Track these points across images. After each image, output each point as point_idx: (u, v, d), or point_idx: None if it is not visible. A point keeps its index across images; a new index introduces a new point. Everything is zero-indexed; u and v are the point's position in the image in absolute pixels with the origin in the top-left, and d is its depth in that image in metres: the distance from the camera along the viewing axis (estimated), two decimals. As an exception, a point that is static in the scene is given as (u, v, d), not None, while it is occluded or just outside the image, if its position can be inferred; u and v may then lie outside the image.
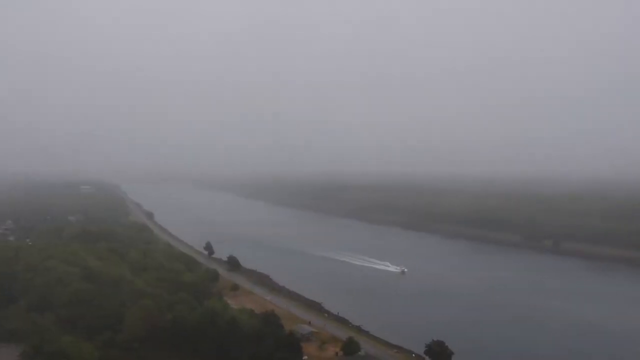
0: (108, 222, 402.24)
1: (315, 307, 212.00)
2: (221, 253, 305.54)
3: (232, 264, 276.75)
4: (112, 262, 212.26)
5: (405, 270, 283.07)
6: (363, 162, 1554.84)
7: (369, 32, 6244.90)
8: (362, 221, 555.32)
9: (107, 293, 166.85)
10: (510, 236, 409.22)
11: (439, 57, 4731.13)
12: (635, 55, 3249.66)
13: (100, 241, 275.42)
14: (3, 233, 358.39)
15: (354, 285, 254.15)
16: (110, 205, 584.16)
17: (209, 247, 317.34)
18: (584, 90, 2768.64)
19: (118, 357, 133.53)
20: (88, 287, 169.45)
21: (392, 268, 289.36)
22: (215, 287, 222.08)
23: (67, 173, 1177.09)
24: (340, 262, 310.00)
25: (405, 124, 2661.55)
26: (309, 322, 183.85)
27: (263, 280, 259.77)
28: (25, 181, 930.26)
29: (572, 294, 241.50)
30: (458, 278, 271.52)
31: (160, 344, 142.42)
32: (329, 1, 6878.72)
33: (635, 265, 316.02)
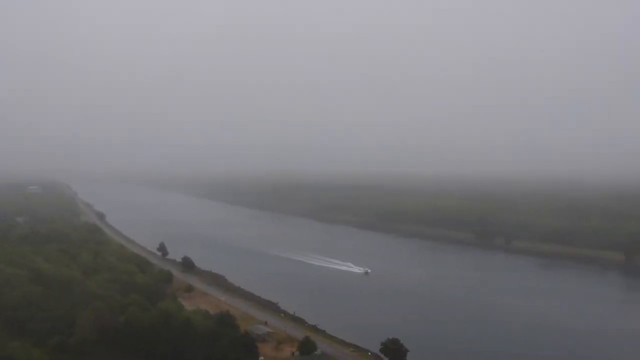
0: (58, 223, 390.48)
1: (271, 307, 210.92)
2: (175, 254, 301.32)
3: (187, 264, 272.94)
4: (62, 264, 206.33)
5: (369, 271, 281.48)
6: (332, 162, 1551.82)
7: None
8: (320, 221, 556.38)
9: (57, 296, 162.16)
10: (464, 235, 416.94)
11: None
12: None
13: (49, 242, 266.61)
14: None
15: (310, 285, 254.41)
16: (60, 206, 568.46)
17: (162, 248, 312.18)
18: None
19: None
20: (37, 290, 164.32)
21: (356, 269, 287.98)
22: (169, 288, 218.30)
23: (11, 173, 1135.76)
24: (296, 262, 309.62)
25: (386, 123, 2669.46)
26: (265, 322, 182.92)
27: (218, 281, 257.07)
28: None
29: (522, 291, 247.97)
30: (415, 276, 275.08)
31: (113, 347, 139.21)
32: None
33: (583, 262, 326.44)
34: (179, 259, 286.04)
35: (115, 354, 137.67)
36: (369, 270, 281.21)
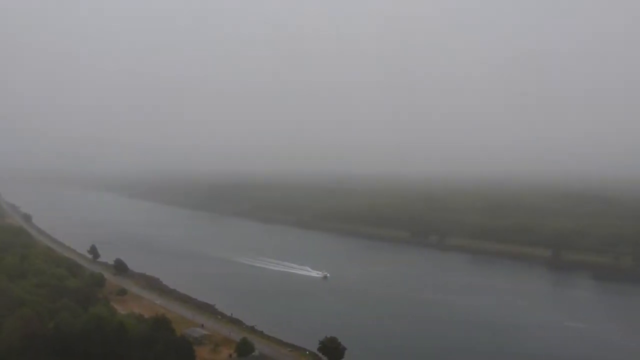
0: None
1: (207, 309, 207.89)
2: (107, 256, 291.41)
3: (119, 267, 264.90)
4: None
5: (328, 275, 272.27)
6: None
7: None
8: (257, 221, 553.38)
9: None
10: (400, 233, 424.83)
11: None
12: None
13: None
14: None
15: (248, 286, 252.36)
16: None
17: (93, 251, 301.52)
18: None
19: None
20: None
21: (314, 273, 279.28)
22: (101, 292, 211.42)
23: None
24: (233, 263, 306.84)
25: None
26: (202, 325, 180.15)
27: (152, 283, 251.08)
28: None
29: (454, 286, 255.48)
30: (349, 274, 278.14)
31: (42, 355, 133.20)
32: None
33: (512, 258, 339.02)
34: (111, 262, 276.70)
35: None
36: (328, 275, 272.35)
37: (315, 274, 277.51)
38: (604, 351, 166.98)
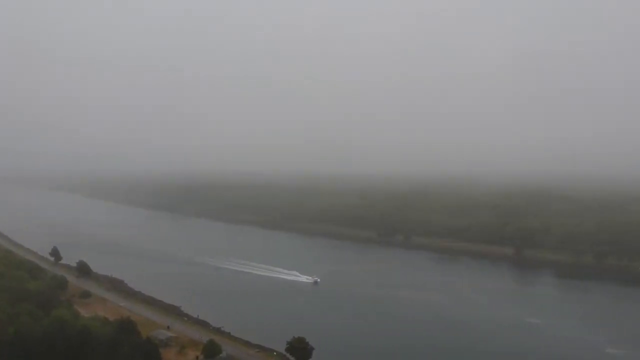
0: None
1: (174, 311, 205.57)
2: (70, 258, 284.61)
3: (82, 269, 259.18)
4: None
5: (318, 280, 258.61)
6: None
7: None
8: (223, 222, 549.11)
9: None
10: (367, 233, 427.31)
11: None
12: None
13: None
14: None
15: (213, 287, 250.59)
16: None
17: (55, 253, 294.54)
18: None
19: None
20: None
21: (303, 278, 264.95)
22: (63, 295, 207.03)
23: None
24: (198, 264, 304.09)
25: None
26: (168, 327, 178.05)
27: (117, 285, 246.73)
28: None
29: (420, 285, 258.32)
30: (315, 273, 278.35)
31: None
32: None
33: (476, 256, 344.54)
34: (73, 264, 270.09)
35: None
36: (318, 280, 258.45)
37: (304, 278, 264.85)
38: (556, 346, 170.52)
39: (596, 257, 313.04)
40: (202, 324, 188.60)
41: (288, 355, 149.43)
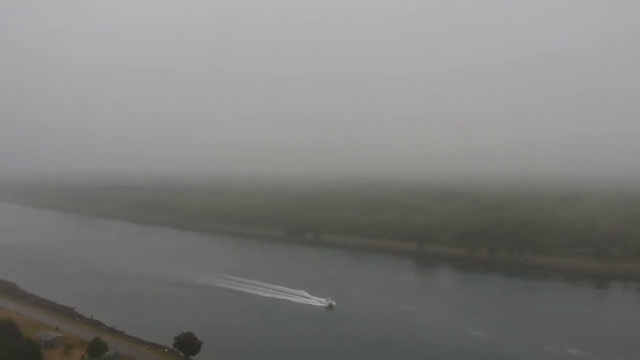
0: None
1: (67, 312, 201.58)
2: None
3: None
4: None
5: (334, 303, 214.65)
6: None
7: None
8: (129, 222, 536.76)
9: None
10: (276, 232, 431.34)
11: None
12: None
13: None
14: None
15: (109, 288, 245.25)
16: None
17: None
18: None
19: None
20: None
21: (316, 301, 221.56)
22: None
23: None
24: (94, 264, 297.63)
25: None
26: (56, 328, 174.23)
27: (7, 289, 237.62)
28: None
29: (327, 280, 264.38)
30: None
31: None
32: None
33: (381, 252, 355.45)
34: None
35: None
36: (334, 303, 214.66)
37: (317, 302, 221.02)
38: (423, 328, 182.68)
39: (490, 250, 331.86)
40: (95, 324, 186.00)
41: (177, 350, 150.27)
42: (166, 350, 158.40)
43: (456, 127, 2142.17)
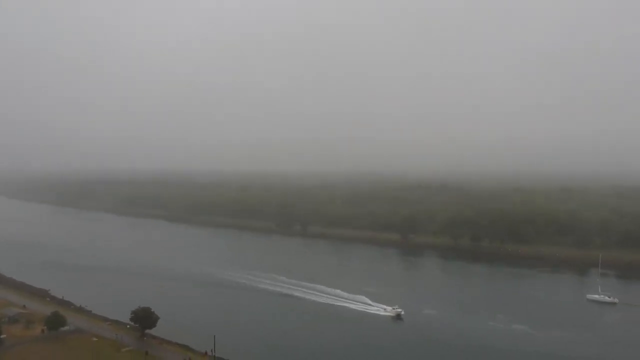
0: None
1: (40, 294, 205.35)
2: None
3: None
4: None
5: (402, 312, 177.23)
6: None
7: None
8: (124, 215, 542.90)
9: None
10: (267, 224, 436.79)
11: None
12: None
13: None
14: None
15: (89, 275, 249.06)
16: None
17: None
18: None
19: None
20: None
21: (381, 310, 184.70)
22: None
23: None
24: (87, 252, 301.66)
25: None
26: (24, 306, 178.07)
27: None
28: None
29: (314, 269, 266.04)
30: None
31: None
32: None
33: (367, 243, 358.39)
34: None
35: None
36: (402, 312, 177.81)
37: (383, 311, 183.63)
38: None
39: (472, 240, 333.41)
40: (65, 304, 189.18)
41: (133, 324, 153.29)
42: (128, 326, 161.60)
43: (454, 126, 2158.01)
